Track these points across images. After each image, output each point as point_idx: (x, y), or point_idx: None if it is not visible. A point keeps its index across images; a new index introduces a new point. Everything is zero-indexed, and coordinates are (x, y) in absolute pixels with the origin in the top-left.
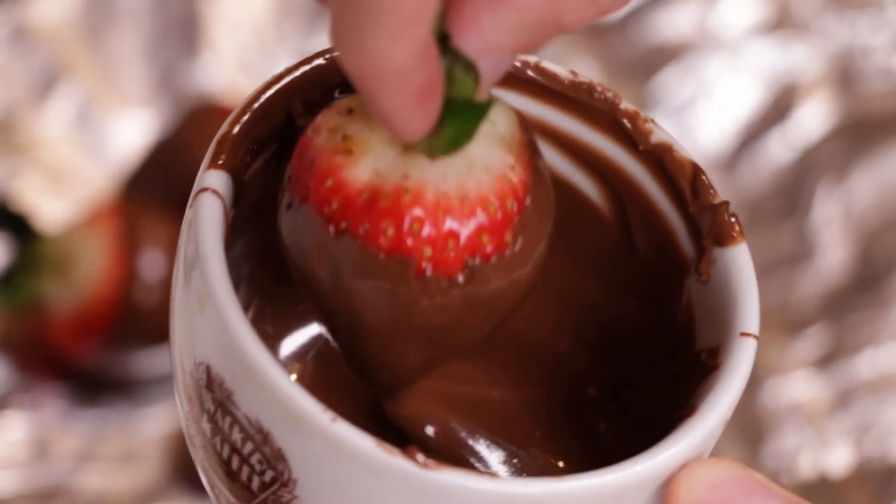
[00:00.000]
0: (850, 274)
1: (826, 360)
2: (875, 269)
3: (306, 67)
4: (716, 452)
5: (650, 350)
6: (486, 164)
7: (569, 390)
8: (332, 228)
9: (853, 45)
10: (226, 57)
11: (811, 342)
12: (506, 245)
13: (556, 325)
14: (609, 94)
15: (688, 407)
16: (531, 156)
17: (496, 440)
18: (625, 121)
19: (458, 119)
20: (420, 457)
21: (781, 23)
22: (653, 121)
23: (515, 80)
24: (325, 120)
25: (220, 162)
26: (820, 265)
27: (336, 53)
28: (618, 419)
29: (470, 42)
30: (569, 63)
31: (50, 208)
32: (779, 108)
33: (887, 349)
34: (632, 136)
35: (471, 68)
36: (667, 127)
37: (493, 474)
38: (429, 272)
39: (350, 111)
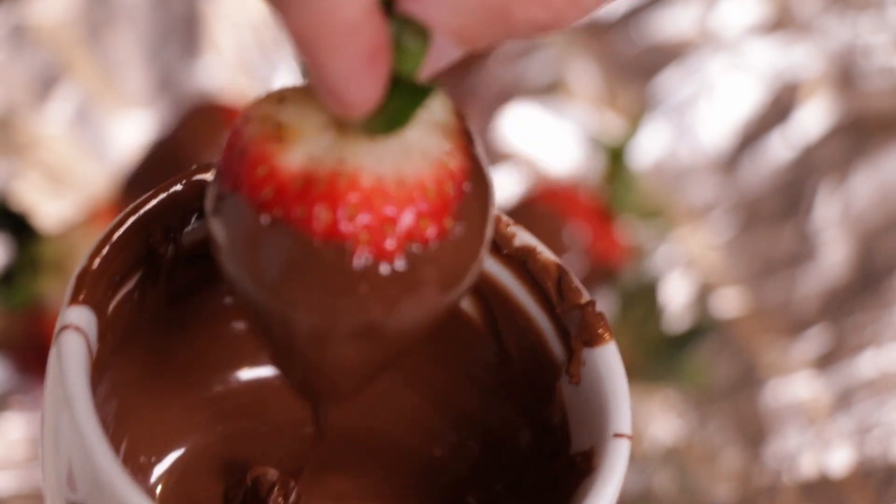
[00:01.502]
0: (851, 274)
1: (827, 361)
2: (876, 268)
3: (163, 195)
4: (716, 452)
5: (527, 454)
6: (423, 149)
7: (449, 499)
8: (264, 218)
9: (854, 44)
10: (226, 57)
11: (812, 342)
12: (446, 230)
13: (432, 431)
14: None
15: None
16: (468, 143)
17: None
18: None
19: (402, 96)
20: None
21: (782, 22)
22: (514, 223)
23: None
24: (257, 109)
25: (81, 298)
26: (821, 265)
27: (281, 21)
28: None
29: (411, 8)
30: (569, 63)
31: (50, 208)
32: (779, 107)
33: (888, 349)
34: (493, 240)
35: (420, 33)
36: (667, 127)
37: None
38: (366, 259)
39: (282, 100)
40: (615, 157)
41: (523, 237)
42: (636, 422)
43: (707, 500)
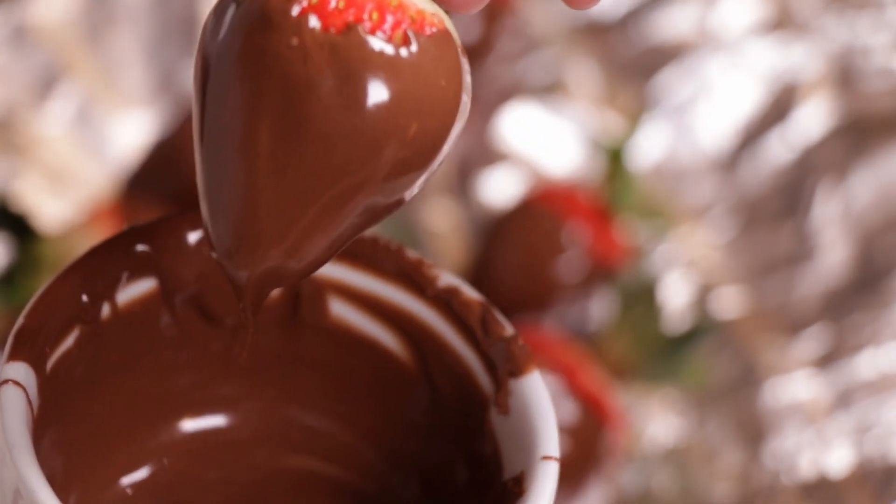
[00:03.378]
0: (851, 274)
1: (826, 360)
2: (875, 268)
3: (95, 257)
4: (716, 451)
5: (464, 488)
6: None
7: None
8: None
9: (853, 45)
10: None
11: (811, 342)
12: (386, 30)
13: (370, 470)
14: (392, 246)
15: None
16: (454, 42)
17: None
18: (409, 269)
19: None
20: None
21: (781, 23)
22: (437, 266)
23: None
24: None
25: (18, 354)
26: (820, 265)
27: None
28: None
29: None
30: (569, 63)
31: (50, 208)
32: (779, 107)
33: (888, 349)
34: (418, 282)
35: None
36: (667, 127)
37: None
38: (311, 18)
39: None
40: (615, 157)
41: (446, 278)
42: (636, 421)
43: (706, 499)
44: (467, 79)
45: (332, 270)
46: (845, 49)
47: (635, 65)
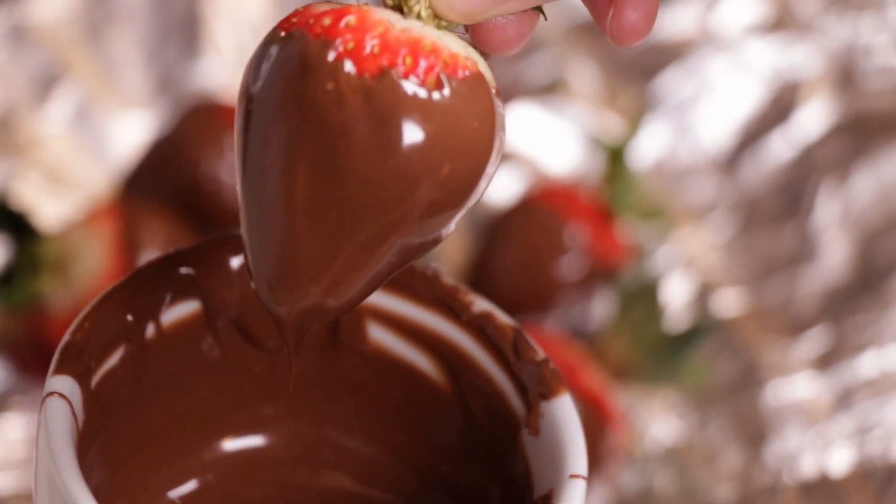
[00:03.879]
0: (852, 274)
1: (827, 361)
2: (876, 269)
3: (139, 278)
4: (716, 452)
5: None
6: (450, 38)
7: None
8: (283, 32)
9: (854, 44)
10: (226, 57)
11: (813, 343)
12: (419, 74)
13: (405, 489)
14: (429, 272)
15: None
16: (487, 84)
17: None
18: (445, 295)
19: None
20: None
21: (782, 22)
22: (472, 292)
23: None
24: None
25: (64, 368)
26: (821, 265)
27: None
28: None
29: None
30: (569, 63)
31: (49, 208)
32: (780, 107)
33: (889, 349)
34: (453, 308)
35: None
36: (667, 127)
37: None
38: (346, 64)
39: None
40: (615, 157)
41: (481, 304)
42: (637, 422)
43: (707, 500)
44: (501, 119)
45: (371, 297)
46: (846, 49)
47: (636, 65)
